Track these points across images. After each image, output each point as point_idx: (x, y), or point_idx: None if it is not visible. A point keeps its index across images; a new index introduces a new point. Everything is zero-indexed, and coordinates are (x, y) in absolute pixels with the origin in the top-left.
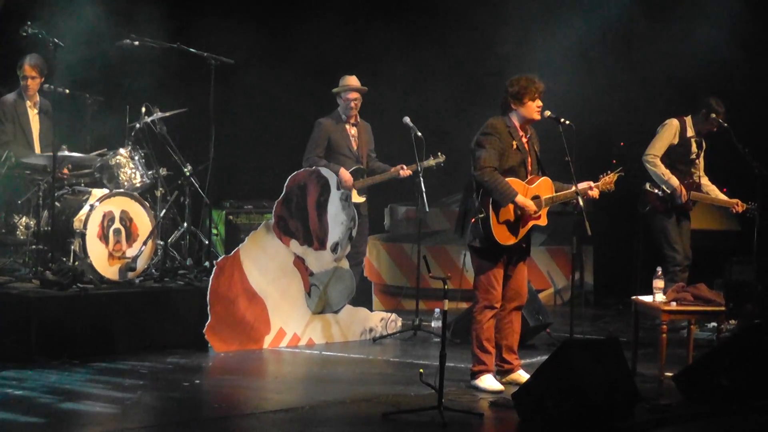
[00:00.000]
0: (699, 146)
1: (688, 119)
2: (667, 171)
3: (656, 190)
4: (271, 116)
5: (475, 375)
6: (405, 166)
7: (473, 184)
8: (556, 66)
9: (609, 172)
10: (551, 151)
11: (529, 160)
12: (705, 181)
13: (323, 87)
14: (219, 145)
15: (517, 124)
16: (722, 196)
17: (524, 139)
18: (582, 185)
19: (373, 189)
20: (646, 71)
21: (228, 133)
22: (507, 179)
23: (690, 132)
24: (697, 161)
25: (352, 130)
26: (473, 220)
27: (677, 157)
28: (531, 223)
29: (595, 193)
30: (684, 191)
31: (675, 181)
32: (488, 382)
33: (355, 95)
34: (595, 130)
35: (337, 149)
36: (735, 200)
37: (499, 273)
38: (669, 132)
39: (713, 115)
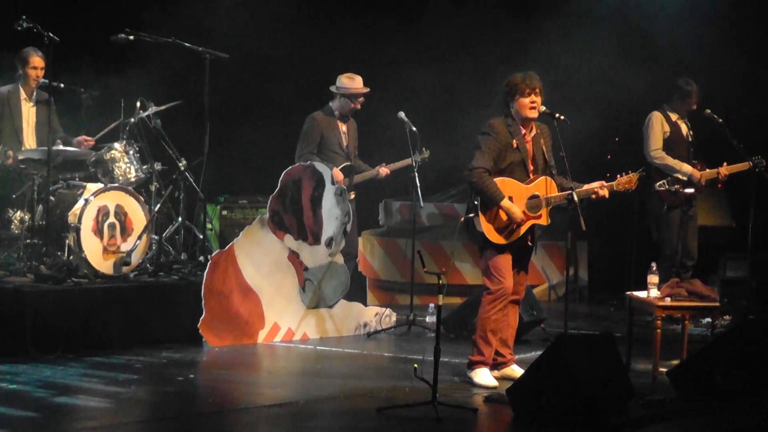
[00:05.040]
0: (689, 128)
1: (666, 107)
2: (676, 160)
3: (668, 187)
4: (266, 111)
5: (472, 366)
6: (385, 165)
7: None
8: (555, 63)
9: (630, 171)
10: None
11: (530, 159)
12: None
13: (318, 81)
14: (214, 140)
15: (517, 122)
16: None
17: (527, 138)
18: (593, 185)
19: (368, 184)
20: (643, 66)
21: (223, 128)
22: (503, 179)
23: (674, 116)
24: (693, 144)
25: (343, 127)
26: (462, 218)
27: (677, 145)
28: (530, 223)
29: (604, 192)
30: (699, 174)
31: (687, 167)
32: (483, 377)
33: (362, 99)
34: (591, 125)
35: (328, 146)
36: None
37: (507, 262)
38: (656, 123)
39: (688, 92)
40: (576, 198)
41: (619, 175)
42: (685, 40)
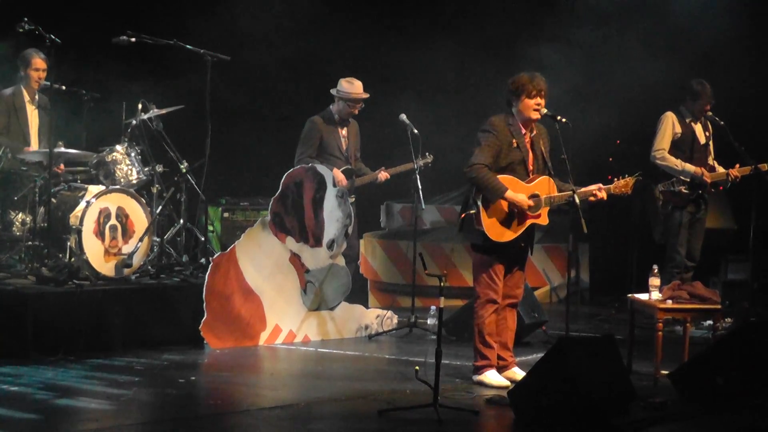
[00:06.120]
0: (706, 128)
1: (681, 108)
2: (679, 160)
3: (672, 188)
4: (267, 113)
5: (479, 370)
6: (384, 169)
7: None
8: (555, 64)
9: (626, 175)
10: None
11: (530, 159)
12: (715, 165)
13: (320, 84)
14: (215, 142)
15: (518, 121)
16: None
17: (526, 138)
18: (591, 187)
19: (369, 186)
20: (644, 69)
21: (224, 130)
22: (504, 176)
23: (688, 118)
24: (709, 145)
25: (343, 131)
26: (463, 215)
27: (688, 146)
28: (529, 222)
29: (602, 195)
30: (705, 172)
31: (690, 167)
32: (494, 377)
33: (360, 104)
34: (592, 128)
35: (328, 149)
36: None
37: (499, 268)
38: (667, 124)
39: (699, 92)
40: (577, 200)
41: (616, 179)
42: (698, 40)
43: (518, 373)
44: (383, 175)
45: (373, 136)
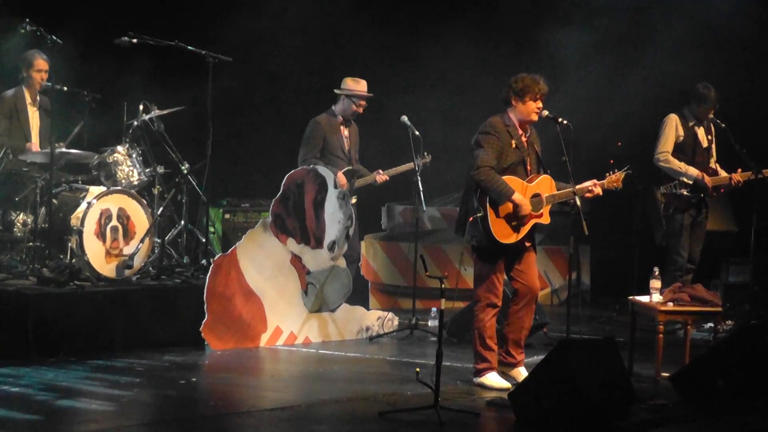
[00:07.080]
0: (708, 132)
1: (685, 110)
2: (683, 163)
3: (674, 190)
4: (269, 114)
5: (480, 373)
6: (381, 171)
7: (473, 184)
8: (555, 66)
9: (615, 170)
10: (549, 151)
11: (529, 159)
12: (717, 168)
13: (321, 85)
14: (216, 143)
15: (516, 122)
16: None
17: (523, 138)
18: (585, 183)
19: (370, 188)
20: (645, 70)
21: (225, 131)
22: (506, 177)
23: (692, 121)
24: (711, 148)
25: (345, 131)
26: (471, 218)
27: (690, 149)
28: (533, 222)
29: (598, 190)
30: (706, 176)
31: (693, 170)
32: (494, 379)
33: (364, 103)
34: (593, 130)
35: (331, 150)
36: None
37: (500, 271)
38: (670, 126)
39: (704, 96)
40: (578, 200)
41: (607, 174)
42: (703, 41)
43: (523, 373)
44: (381, 177)
45: (376, 137)
